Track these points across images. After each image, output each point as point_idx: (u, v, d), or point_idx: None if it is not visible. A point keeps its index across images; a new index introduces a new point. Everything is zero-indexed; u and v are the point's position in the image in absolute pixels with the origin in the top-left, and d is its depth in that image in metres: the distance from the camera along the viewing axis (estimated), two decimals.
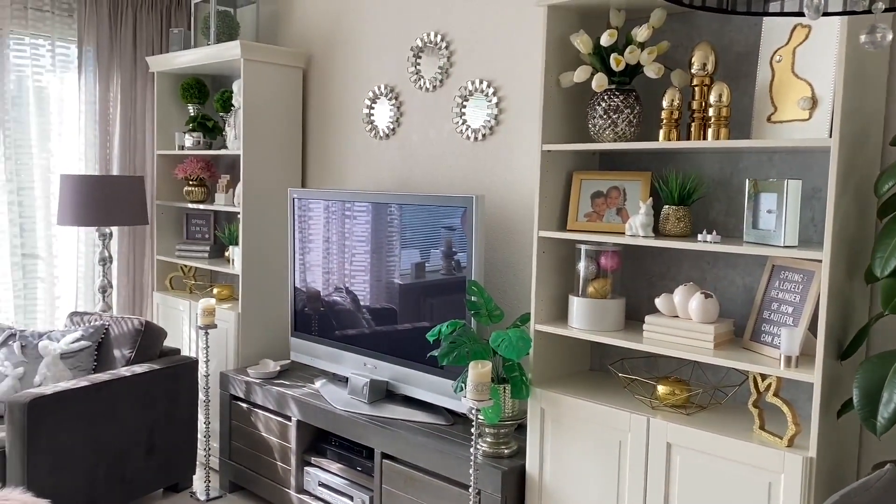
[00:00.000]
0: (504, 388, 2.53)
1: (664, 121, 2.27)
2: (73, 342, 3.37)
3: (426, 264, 2.92)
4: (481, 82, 3.06)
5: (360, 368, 3.17)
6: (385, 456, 2.86)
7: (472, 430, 2.40)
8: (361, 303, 3.20)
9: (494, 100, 3.02)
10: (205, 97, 4.12)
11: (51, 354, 3.32)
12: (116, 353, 3.43)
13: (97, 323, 3.52)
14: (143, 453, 3.31)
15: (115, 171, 4.19)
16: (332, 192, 3.30)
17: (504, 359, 2.49)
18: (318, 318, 3.41)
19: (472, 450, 2.43)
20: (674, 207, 2.29)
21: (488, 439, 2.60)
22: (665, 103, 2.27)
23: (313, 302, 3.43)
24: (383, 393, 3.10)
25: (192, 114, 4.10)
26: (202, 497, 3.48)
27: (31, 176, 4.04)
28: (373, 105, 3.53)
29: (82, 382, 3.10)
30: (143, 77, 4.25)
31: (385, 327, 3.10)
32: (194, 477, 3.60)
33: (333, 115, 3.74)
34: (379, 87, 3.49)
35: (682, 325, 2.21)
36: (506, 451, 2.59)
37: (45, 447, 2.92)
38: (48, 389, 2.99)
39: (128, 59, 4.19)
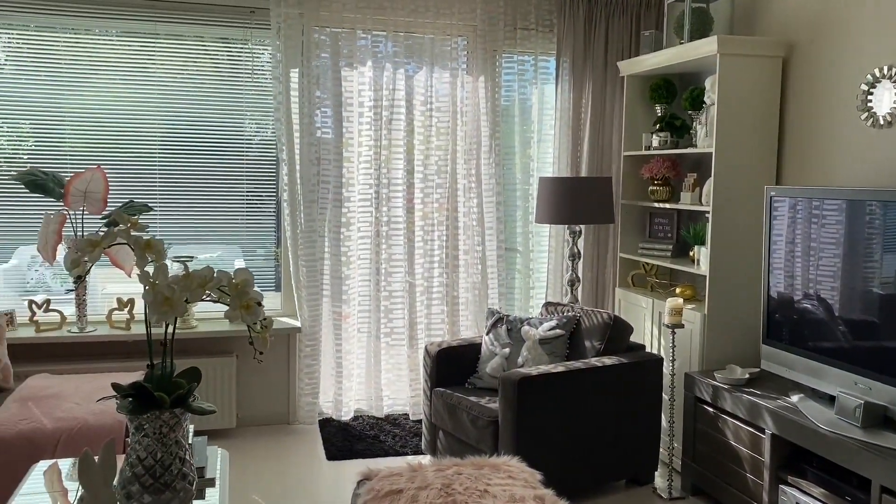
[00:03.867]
0: None
1: None
2: (549, 330, 3.69)
3: None
4: None
5: (850, 388, 2.83)
6: (885, 490, 2.49)
7: None
8: (841, 313, 2.85)
9: None
10: (672, 96, 4.13)
11: (531, 339, 3.68)
12: (587, 343, 3.64)
13: (570, 314, 3.79)
14: (608, 442, 3.45)
15: (583, 173, 4.47)
16: (817, 190, 3.00)
17: None
18: (791, 326, 3.15)
19: None
20: None
21: None
22: None
23: (787, 308, 3.18)
24: (880, 418, 2.72)
25: (660, 114, 4.14)
26: (664, 495, 3.50)
27: (514, 178, 4.55)
28: (871, 90, 3.11)
29: (560, 368, 3.37)
30: (612, 82, 4.44)
31: (874, 343, 2.71)
32: (655, 474, 3.64)
33: (818, 104, 3.41)
34: (881, 70, 3.06)
35: None
36: None
37: (529, 423, 3.24)
38: (533, 371, 3.32)
39: (599, 67, 4.43)
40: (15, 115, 4.05)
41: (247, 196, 4.41)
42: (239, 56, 4.31)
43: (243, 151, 4.37)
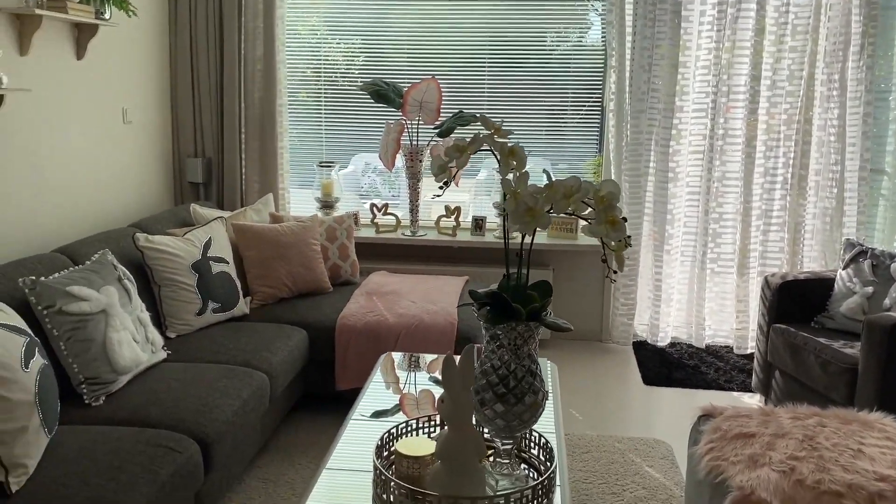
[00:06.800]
0: None
1: None
2: None
3: None
4: None
5: None
6: None
7: None
8: None
9: None
10: None
11: None
12: None
13: None
14: None
15: None
16: None
17: None
18: None
19: None
20: None
21: None
22: None
23: None
24: None
25: None
26: None
27: (889, 85, 3.79)
28: None
29: None
30: None
31: None
32: None
33: None
34: None
35: None
36: None
37: None
38: None
39: None
40: (348, 32, 4.31)
41: (570, 106, 4.25)
42: None
43: (568, 59, 4.19)
